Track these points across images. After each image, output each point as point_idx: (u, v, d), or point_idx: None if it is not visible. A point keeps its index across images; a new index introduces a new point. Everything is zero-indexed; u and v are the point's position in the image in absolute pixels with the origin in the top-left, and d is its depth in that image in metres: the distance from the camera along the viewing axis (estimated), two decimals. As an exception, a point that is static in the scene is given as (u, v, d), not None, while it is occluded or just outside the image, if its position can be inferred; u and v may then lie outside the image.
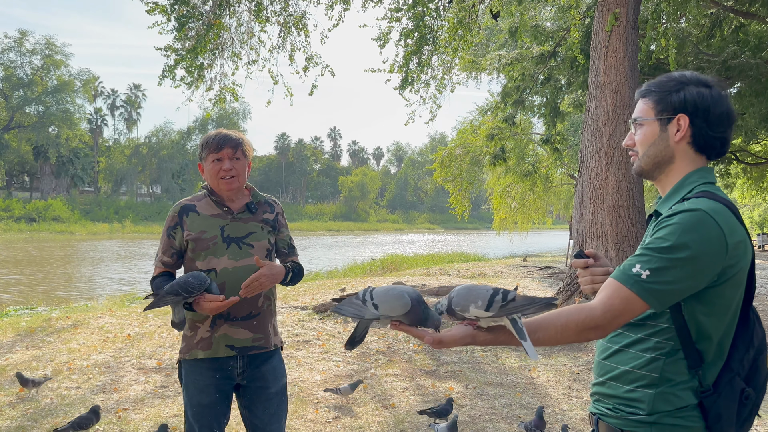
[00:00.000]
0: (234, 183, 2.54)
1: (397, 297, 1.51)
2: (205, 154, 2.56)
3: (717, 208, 1.40)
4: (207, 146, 2.55)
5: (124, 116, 76.46)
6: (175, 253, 2.54)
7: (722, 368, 1.47)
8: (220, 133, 2.58)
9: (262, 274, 2.40)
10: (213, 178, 2.55)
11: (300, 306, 8.67)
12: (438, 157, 21.37)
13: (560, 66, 12.86)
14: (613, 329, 1.43)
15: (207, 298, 2.31)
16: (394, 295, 1.52)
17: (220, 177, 2.52)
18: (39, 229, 45.63)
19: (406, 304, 1.50)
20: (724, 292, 1.42)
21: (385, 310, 1.52)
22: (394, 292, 1.53)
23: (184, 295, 2.28)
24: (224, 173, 2.52)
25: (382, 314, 1.52)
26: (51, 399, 4.76)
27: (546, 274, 15.24)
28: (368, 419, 4.49)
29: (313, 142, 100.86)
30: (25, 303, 12.56)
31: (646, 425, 1.46)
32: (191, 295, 2.29)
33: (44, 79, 55.20)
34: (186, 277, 2.32)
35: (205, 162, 2.57)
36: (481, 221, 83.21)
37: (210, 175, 2.55)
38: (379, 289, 1.57)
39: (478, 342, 1.48)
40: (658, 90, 1.56)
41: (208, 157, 2.55)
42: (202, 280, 2.30)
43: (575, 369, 6.02)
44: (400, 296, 1.51)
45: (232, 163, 2.53)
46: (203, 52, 9.86)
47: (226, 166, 2.52)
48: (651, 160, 1.58)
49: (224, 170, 2.52)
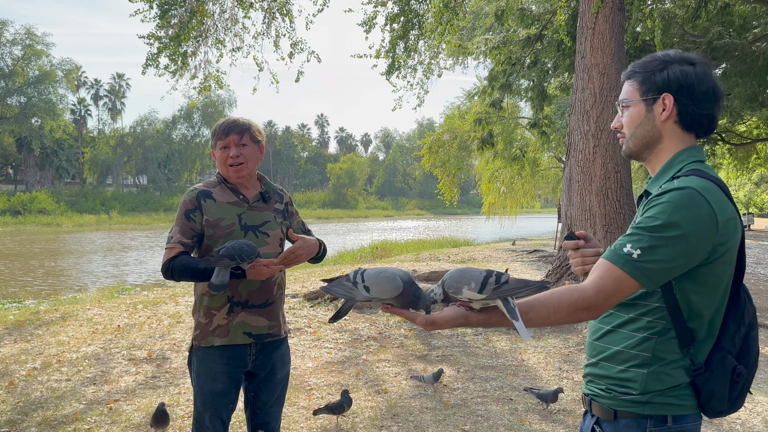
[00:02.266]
0: (242, 170, 2.52)
1: (389, 279, 1.50)
2: (213, 141, 2.56)
3: (707, 186, 1.40)
4: (215, 134, 2.55)
5: (108, 106, 75.61)
6: (195, 235, 2.48)
7: (713, 346, 1.47)
8: (228, 120, 2.56)
9: (298, 246, 2.43)
10: (222, 166, 2.54)
11: (290, 294, 8.66)
12: (426, 143, 21.31)
13: (547, 49, 12.83)
14: (605, 310, 1.43)
15: (261, 263, 2.31)
16: (386, 277, 1.51)
17: (228, 164, 2.51)
18: (25, 221, 45.17)
19: (398, 287, 1.49)
20: (714, 270, 1.42)
21: (376, 292, 1.51)
22: (386, 275, 1.52)
23: (239, 260, 2.27)
24: (231, 160, 2.50)
25: (374, 297, 1.51)
26: (41, 392, 4.73)
27: (535, 257, 15.32)
28: (361, 404, 4.50)
29: (300, 129, 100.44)
30: (12, 296, 12.45)
31: (639, 405, 1.47)
32: (244, 261, 2.28)
33: (25, 69, 54.35)
34: (240, 244, 2.29)
35: (215, 150, 2.55)
36: (470, 206, 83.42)
37: (219, 162, 2.55)
38: (370, 271, 1.55)
39: (471, 323, 1.47)
40: (643, 71, 1.56)
41: (217, 144, 2.53)
42: (254, 248, 2.30)
43: (565, 350, 6.07)
44: (392, 278, 1.50)
45: (239, 149, 2.51)
46: (187, 40, 9.74)
47: (232, 153, 2.50)
48: (639, 141, 1.58)
49: (231, 157, 2.50)
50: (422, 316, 1.47)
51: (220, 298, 2.47)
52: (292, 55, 10.56)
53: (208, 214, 2.47)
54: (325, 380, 5.10)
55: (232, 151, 2.50)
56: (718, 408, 1.47)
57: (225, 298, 2.47)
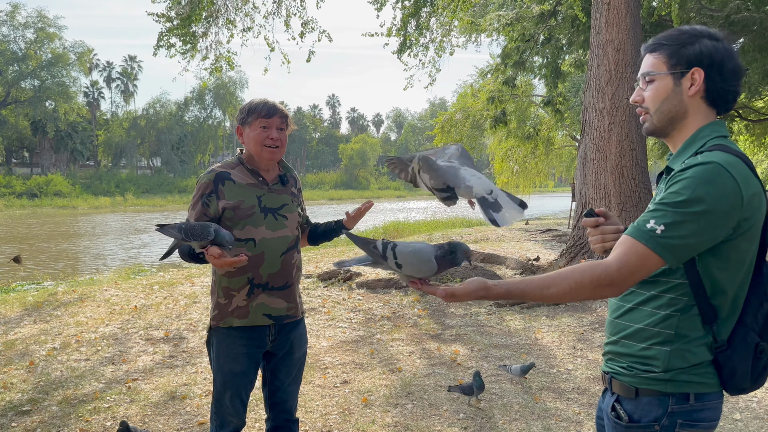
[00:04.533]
0: (277, 153, 2.53)
1: (425, 261, 1.50)
2: (252, 119, 2.50)
3: (731, 161, 1.37)
4: (255, 111, 2.50)
5: (121, 89, 75.69)
6: (207, 220, 2.49)
7: (736, 323, 1.45)
8: (268, 101, 2.55)
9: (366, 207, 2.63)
10: (257, 144, 2.50)
11: (305, 274, 8.70)
12: (438, 122, 21.19)
13: (561, 25, 12.64)
14: (628, 286, 1.41)
15: (210, 252, 2.21)
16: (422, 258, 1.51)
17: (265, 145, 2.49)
18: (41, 204, 45.61)
19: (433, 269, 1.49)
20: (739, 245, 1.40)
21: (410, 271, 1.51)
22: (422, 256, 1.52)
23: (183, 236, 2.23)
24: (271, 142, 2.50)
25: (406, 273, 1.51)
26: (61, 371, 4.81)
27: (549, 236, 15.24)
28: (375, 383, 4.53)
29: (312, 110, 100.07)
30: (31, 278, 12.62)
31: (662, 382, 1.46)
32: (191, 240, 2.23)
33: (38, 52, 54.44)
34: (195, 224, 2.25)
35: (250, 127, 2.51)
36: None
37: (254, 140, 2.50)
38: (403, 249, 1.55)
39: (491, 295, 1.47)
40: (671, 43, 1.52)
41: (256, 122, 2.49)
42: (205, 233, 2.21)
43: (579, 329, 6.06)
44: (427, 260, 1.50)
45: (279, 133, 2.52)
46: (198, 21, 9.70)
47: (273, 135, 2.50)
48: (665, 116, 1.54)
49: (271, 138, 2.50)
50: (442, 288, 1.48)
51: (240, 280, 2.48)
52: (303, 34, 10.50)
53: (227, 198, 2.46)
54: (339, 359, 5.13)
55: (273, 133, 2.50)
56: (741, 385, 1.45)
57: (245, 279, 2.48)
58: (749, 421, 3.89)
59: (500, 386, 4.45)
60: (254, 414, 3.91)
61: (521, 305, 6.92)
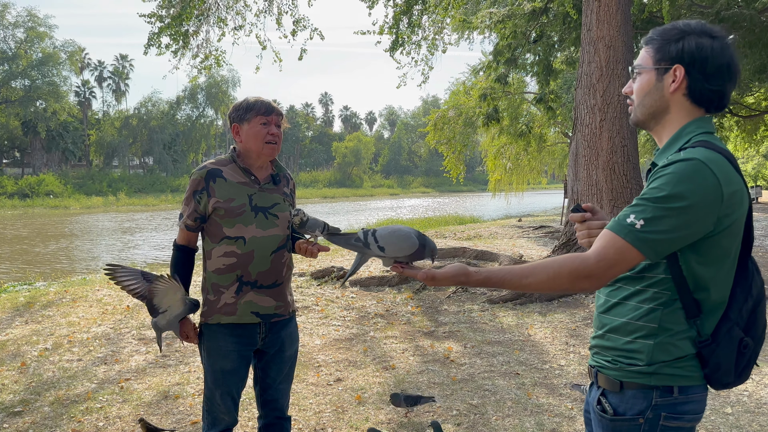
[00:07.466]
0: (276, 150, 2.56)
1: (405, 238, 1.51)
2: (251, 115, 2.51)
3: (713, 158, 1.38)
4: (255, 108, 2.52)
5: (112, 88, 75.31)
6: (198, 217, 2.52)
7: (721, 318, 1.47)
8: (265, 100, 2.57)
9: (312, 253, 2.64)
10: (258, 140, 2.51)
11: (297, 272, 8.69)
12: (431, 120, 21.19)
13: (552, 22, 12.66)
14: (607, 280, 1.42)
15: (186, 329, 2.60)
16: (402, 236, 1.52)
17: (265, 141, 2.51)
18: (33, 204, 45.37)
19: (414, 245, 1.50)
20: (720, 241, 1.41)
21: (393, 251, 1.51)
22: (401, 234, 1.53)
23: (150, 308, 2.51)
24: (271, 138, 2.52)
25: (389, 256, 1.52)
26: (53, 372, 4.79)
27: (541, 233, 15.29)
28: (369, 380, 4.54)
29: (305, 108, 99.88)
30: (22, 278, 12.56)
31: (645, 375, 1.47)
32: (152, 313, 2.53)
33: (29, 52, 54.07)
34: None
35: (249, 123, 2.51)
36: (476, 183, 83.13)
37: (254, 137, 2.51)
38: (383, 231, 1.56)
39: (471, 281, 1.49)
40: (659, 38, 1.52)
41: (255, 119, 2.51)
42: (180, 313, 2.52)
43: (572, 325, 6.09)
44: (407, 237, 1.51)
45: (277, 129, 2.55)
46: (189, 19, 9.66)
47: (273, 131, 2.53)
48: (646, 109, 1.55)
49: (271, 135, 2.52)
50: (423, 272, 1.50)
51: (229, 277, 2.50)
52: (294, 32, 10.48)
53: (218, 195, 2.48)
54: (333, 357, 5.14)
55: (273, 129, 2.53)
56: (725, 380, 1.47)
57: (234, 276, 2.49)
58: (740, 414, 3.92)
59: (493, 382, 4.47)
60: (247, 412, 3.91)
61: (514, 301, 6.95)
